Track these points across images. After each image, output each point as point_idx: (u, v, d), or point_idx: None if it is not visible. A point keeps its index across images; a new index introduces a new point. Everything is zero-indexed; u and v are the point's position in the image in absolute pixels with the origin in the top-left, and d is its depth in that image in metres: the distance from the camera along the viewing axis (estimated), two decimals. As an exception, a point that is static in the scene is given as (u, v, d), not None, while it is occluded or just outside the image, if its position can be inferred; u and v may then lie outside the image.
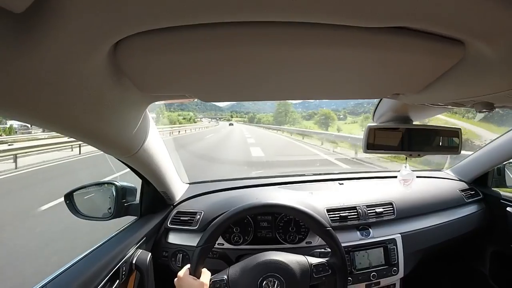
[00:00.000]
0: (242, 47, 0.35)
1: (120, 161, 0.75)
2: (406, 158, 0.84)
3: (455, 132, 0.85)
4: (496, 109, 0.60)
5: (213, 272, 0.76)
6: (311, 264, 0.76)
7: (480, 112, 0.61)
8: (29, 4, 0.21)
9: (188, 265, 0.74)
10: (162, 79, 0.46)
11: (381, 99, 0.81)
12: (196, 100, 0.61)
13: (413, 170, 1.46)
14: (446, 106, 0.69)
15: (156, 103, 0.70)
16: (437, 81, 0.48)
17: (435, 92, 0.54)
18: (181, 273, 0.72)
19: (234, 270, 0.75)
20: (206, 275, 0.73)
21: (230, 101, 0.61)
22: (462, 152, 0.85)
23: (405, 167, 0.92)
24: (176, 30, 0.31)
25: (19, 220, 3.55)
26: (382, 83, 0.54)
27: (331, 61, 0.41)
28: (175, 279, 0.71)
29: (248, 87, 0.53)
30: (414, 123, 0.86)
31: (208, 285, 0.71)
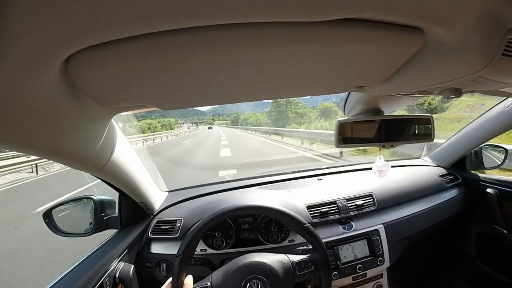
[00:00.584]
0: (193, 52, 0.35)
1: (93, 175, 0.73)
2: (380, 150, 0.85)
3: (427, 120, 0.86)
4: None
5: (198, 279, 0.75)
6: (293, 262, 0.76)
7: (448, 98, 0.62)
8: None
9: (170, 279, 0.73)
10: (118, 91, 0.45)
11: (349, 93, 0.82)
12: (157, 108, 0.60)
13: (390, 160, 1.49)
14: (413, 95, 0.70)
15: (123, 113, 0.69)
16: (400, 70, 0.48)
17: (399, 82, 0.53)
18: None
19: (217, 275, 0.75)
20: (188, 287, 0.72)
21: (189, 107, 0.60)
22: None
23: (379, 158, 0.93)
24: (124, 41, 0.30)
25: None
26: (343, 76, 0.53)
27: (287, 59, 0.40)
28: None
29: (207, 92, 0.52)
30: (385, 113, 0.87)
31: None
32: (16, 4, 0.21)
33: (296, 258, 0.77)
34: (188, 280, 0.73)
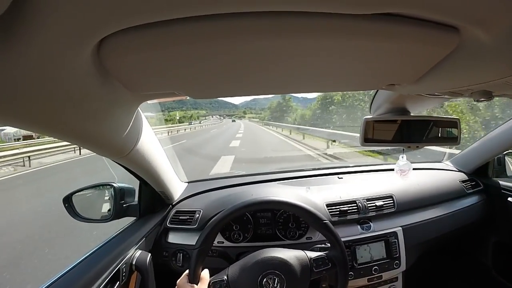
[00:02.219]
0: (229, 41, 0.34)
1: (116, 162, 0.75)
2: (403, 150, 0.83)
3: (454, 123, 0.84)
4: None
5: (214, 271, 0.76)
6: (311, 258, 0.75)
7: (478, 101, 0.61)
8: (7, 7, 0.20)
9: (187, 271, 0.74)
10: (149, 77, 0.45)
11: (377, 91, 0.80)
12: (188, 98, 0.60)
13: (413, 162, 1.46)
14: (443, 96, 0.68)
15: (150, 102, 0.69)
16: (433, 70, 0.47)
17: (431, 82, 0.52)
18: (179, 282, 0.71)
19: (233, 269, 0.75)
20: (204, 281, 0.72)
21: (218, 97, 0.60)
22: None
23: (402, 157, 0.91)
24: (158, 26, 0.30)
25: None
26: (375, 73, 0.52)
27: (322, 52, 0.39)
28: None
29: (238, 82, 0.52)
30: (412, 114, 0.85)
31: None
32: None
33: (313, 254, 0.77)
34: (205, 274, 0.74)
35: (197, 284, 0.71)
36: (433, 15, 0.32)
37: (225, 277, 0.73)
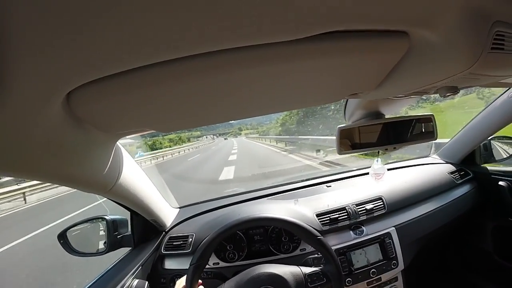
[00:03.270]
0: (188, 78, 0.36)
1: (104, 196, 0.76)
2: (378, 153, 0.84)
3: (428, 119, 0.86)
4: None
5: None
6: (305, 274, 0.76)
7: (445, 96, 0.62)
8: None
9: (183, 280, 0.75)
10: (119, 119, 0.48)
11: (347, 100, 0.82)
12: None
13: (399, 161, 1.47)
14: (410, 96, 0.70)
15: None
16: (391, 75, 0.48)
17: (392, 86, 0.53)
18: None
19: (229, 285, 0.76)
20: None
21: (188, 128, 0.62)
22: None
23: (377, 161, 0.93)
24: (121, 74, 0.32)
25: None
26: (335, 87, 0.54)
27: (277, 76, 0.41)
28: None
29: (203, 113, 0.53)
30: (387, 116, 0.86)
31: None
32: (16, 47, 0.23)
33: (308, 270, 0.77)
34: None
35: None
36: (377, 25, 0.33)
37: None
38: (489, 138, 1.30)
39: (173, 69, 0.33)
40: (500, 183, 1.22)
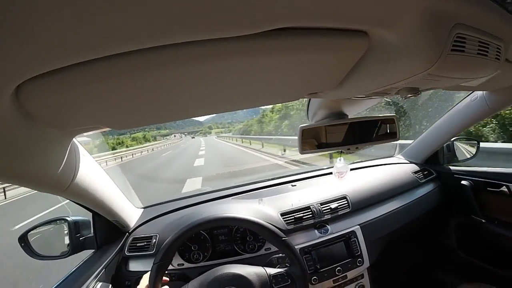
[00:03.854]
0: (141, 73, 0.35)
1: (61, 196, 0.73)
2: (341, 152, 0.86)
3: (391, 120, 0.88)
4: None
5: None
6: (270, 275, 0.76)
7: (406, 98, 0.63)
8: None
9: (146, 282, 0.73)
10: (71, 115, 0.45)
11: (310, 99, 0.83)
12: None
13: (365, 160, 1.51)
14: (372, 97, 0.72)
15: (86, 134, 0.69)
16: (351, 74, 0.48)
17: (352, 86, 0.53)
18: None
19: (192, 285, 0.75)
20: None
21: (144, 126, 0.61)
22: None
23: (340, 160, 0.95)
24: (72, 67, 0.31)
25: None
26: (293, 85, 0.53)
27: (235, 72, 0.40)
28: None
29: (159, 110, 0.52)
30: (350, 117, 0.89)
31: None
32: None
33: (273, 271, 0.77)
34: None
35: None
36: (334, 23, 0.32)
37: None
38: (452, 139, 1.37)
39: (127, 62, 0.32)
40: (463, 182, 1.29)
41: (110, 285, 0.85)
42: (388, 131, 0.89)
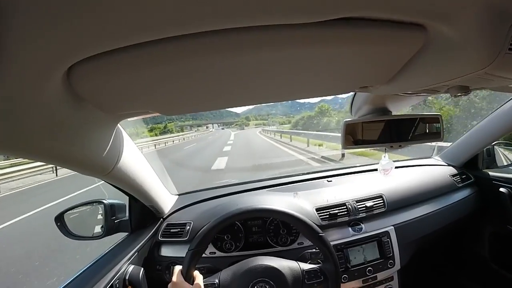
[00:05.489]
0: (195, 58, 0.35)
1: (102, 180, 0.75)
2: (386, 149, 0.84)
3: (436, 119, 0.85)
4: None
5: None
6: (303, 270, 0.75)
7: (456, 96, 0.61)
8: None
9: (180, 267, 0.74)
10: (121, 99, 0.46)
11: (355, 93, 0.81)
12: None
13: (402, 160, 1.46)
14: (420, 94, 0.69)
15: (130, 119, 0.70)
16: (404, 69, 0.47)
17: (404, 81, 0.52)
18: (174, 278, 0.71)
19: (225, 274, 0.76)
20: (199, 278, 0.73)
21: (192, 112, 0.61)
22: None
23: (384, 156, 0.92)
24: (125, 50, 0.31)
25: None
26: (345, 77, 0.53)
27: (286, 61, 0.40)
28: (169, 285, 0.70)
29: (207, 97, 0.52)
30: (393, 113, 0.86)
31: None
32: (15, 14, 0.21)
33: (306, 266, 0.77)
34: (198, 274, 0.75)
35: (192, 284, 0.71)
36: (395, 15, 0.32)
37: (217, 280, 0.74)
38: (492, 144, 1.30)
39: (181, 47, 0.32)
40: (501, 189, 1.22)
41: (142, 268, 0.87)
42: (431, 130, 0.85)
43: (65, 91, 0.36)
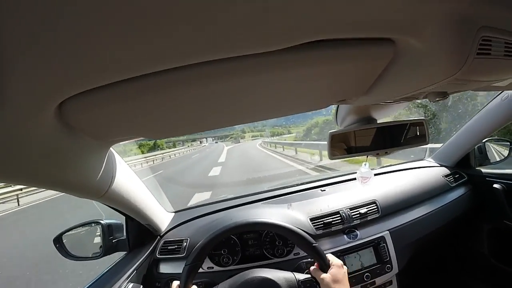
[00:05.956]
0: (183, 87, 0.37)
1: (98, 201, 0.77)
2: (367, 157, 0.85)
3: (420, 123, 0.86)
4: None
5: None
6: (299, 280, 0.76)
7: (434, 101, 0.62)
8: None
9: (178, 282, 0.75)
10: (112, 128, 0.48)
11: (338, 105, 0.82)
12: None
13: (394, 164, 1.47)
14: (400, 102, 0.70)
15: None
16: (378, 80, 0.49)
17: (380, 92, 0.54)
18: None
19: (223, 287, 0.76)
20: None
21: (179, 136, 0.63)
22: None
23: (364, 165, 0.93)
24: (113, 84, 0.33)
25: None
26: (322, 94, 0.54)
27: (266, 84, 0.42)
28: None
29: (195, 120, 0.54)
30: (378, 121, 0.87)
31: None
32: (6, 56, 0.23)
33: (302, 277, 0.77)
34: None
35: None
36: (360, 34, 0.33)
37: None
38: (483, 141, 1.31)
39: (167, 79, 0.34)
40: (495, 185, 1.23)
41: (141, 286, 0.88)
42: (417, 134, 0.87)
43: (57, 123, 0.38)
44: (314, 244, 0.78)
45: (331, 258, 0.78)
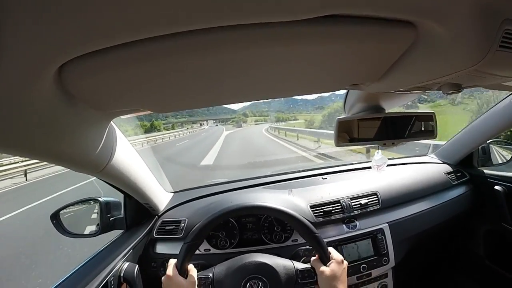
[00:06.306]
0: (184, 56, 0.35)
1: (96, 177, 0.75)
2: (379, 146, 0.84)
3: (429, 116, 0.85)
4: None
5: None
6: (297, 269, 0.75)
7: (448, 94, 0.61)
8: None
9: (174, 261, 0.73)
10: (112, 97, 0.47)
11: (348, 91, 0.81)
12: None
13: (397, 158, 1.46)
14: (412, 92, 0.69)
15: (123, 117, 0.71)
16: (394, 67, 0.47)
17: (394, 79, 0.52)
18: (169, 271, 0.71)
19: (219, 269, 0.76)
20: (193, 272, 0.73)
21: (184, 110, 0.61)
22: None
23: (378, 153, 0.93)
24: (115, 48, 0.31)
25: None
26: (336, 75, 0.53)
27: (278, 59, 0.40)
28: (163, 278, 0.70)
29: (200, 94, 0.52)
30: (386, 111, 0.86)
31: (197, 283, 0.71)
32: (6, 15, 0.22)
33: (301, 266, 0.77)
34: (192, 267, 0.75)
35: (186, 278, 0.71)
36: (383, 13, 0.32)
37: (211, 275, 0.74)
38: (488, 142, 1.30)
39: (172, 45, 0.32)
40: (496, 187, 1.22)
41: (137, 265, 0.87)
42: (425, 128, 0.86)
43: (56, 90, 0.37)
44: (316, 234, 0.77)
45: (332, 251, 0.77)
